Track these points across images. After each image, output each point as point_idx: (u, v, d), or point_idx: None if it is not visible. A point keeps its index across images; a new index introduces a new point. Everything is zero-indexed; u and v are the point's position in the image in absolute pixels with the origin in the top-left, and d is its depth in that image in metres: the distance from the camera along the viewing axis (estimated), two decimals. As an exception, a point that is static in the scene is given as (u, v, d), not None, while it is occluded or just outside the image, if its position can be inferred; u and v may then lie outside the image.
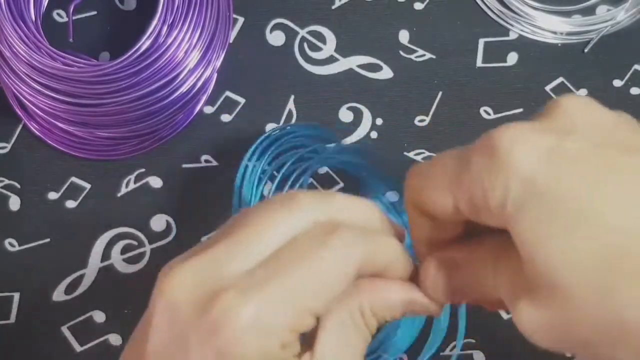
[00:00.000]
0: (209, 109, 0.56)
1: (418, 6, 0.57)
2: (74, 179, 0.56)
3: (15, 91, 0.55)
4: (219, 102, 0.56)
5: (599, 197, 0.27)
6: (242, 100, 0.56)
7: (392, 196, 0.55)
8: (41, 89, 0.53)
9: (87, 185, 0.56)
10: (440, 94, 0.56)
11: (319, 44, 0.57)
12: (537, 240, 0.28)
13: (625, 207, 0.27)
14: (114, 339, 0.54)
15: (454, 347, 0.54)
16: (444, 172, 0.32)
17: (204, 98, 0.56)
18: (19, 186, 0.56)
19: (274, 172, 0.50)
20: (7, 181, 0.56)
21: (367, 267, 0.32)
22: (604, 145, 0.28)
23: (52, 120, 0.55)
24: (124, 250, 0.55)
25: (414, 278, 0.34)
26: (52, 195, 0.56)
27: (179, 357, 0.30)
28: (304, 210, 0.32)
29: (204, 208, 0.55)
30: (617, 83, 0.56)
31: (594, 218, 0.27)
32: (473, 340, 0.54)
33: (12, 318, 0.55)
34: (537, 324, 0.30)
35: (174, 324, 0.30)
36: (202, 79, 0.55)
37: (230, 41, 0.57)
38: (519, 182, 0.28)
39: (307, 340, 0.33)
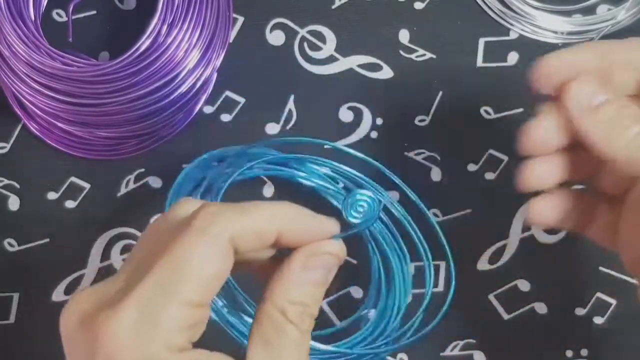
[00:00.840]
0: (209, 109, 0.56)
1: (418, 6, 0.57)
2: (73, 179, 0.56)
3: (15, 91, 0.54)
4: (219, 102, 0.56)
5: None
6: (242, 100, 0.56)
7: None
8: (41, 88, 0.53)
9: (87, 185, 0.56)
10: (440, 94, 0.56)
11: (319, 43, 0.57)
12: None
13: None
14: (114, 339, 0.54)
15: (455, 347, 0.54)
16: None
17: (204, 98, 0.56)
18: (18, 186, 0.56)
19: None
20: (6, 181, 0.56)
21: (251, 240, 0.31)
22: None
23: (52, 120, 0.55)
24: (124, 250, 0.55)
25: None
26: (52, 195, 0.56)
27: None
28: (177, 209, 0.32)
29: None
30: (618, 83, 0.56)
31: None
32: (473, 340, 0.54)
33: (12, 318, 0.55)
34: None
35: (72, 353, 0.30)
36: (202, 79, 0.55)
37: (230, 41, 0.57)
38: None
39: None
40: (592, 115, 0.36)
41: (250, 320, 0.38)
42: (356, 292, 0.54)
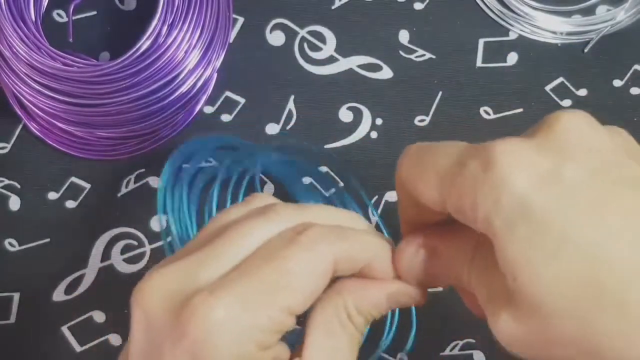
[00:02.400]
0: (209, 109, 0.56)
1: (418, 6, 0.57)
2: (74, 179, 0.56)
3: (15, 91, 0.55)
4: (219, 102, 0.56)
5: (590, 228, 0.27)
6: (242, 100, 0.56)
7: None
8: (41, 89, 0.53)
9: (87, 185, 0.56)
10: (440, 94, 0.56)
11: (319, 44, 0.57)
12: (523, 261, 0.28)
13: (613, 241, 0.27)
14: (114, 339, 0.54)
15: (454, 347, 0.54)
16: (438, 167, 0.31)
17: (204, 98, 0.56)
18: (19, 186, 0.56)
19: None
20: (7, 181, 0.56)
21: (345, 264, 0.32)
22: (601, 174, 0.28)
23: (52, 120, 0.55)
24: (124, 250, 0.55)
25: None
26: (52, 195, 0.56)
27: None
28: (281, 217, 0.32)
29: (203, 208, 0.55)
30: (617, 83, 0.56)
31: (582, 248, 0.27)
32: (473, 340, 0.54)
33: (12, 318, 0.55)
34: (516, 336, 0.30)
35: (149, 332, 0.30)
36: (202, 79, 0.55)
37: (230, 41, 0.57)
38: (513, 201, 0.28)
39: (297, 349, 0.33)
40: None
41: None
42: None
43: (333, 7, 0.57)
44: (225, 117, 0.56)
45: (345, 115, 0.56)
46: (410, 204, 0.33)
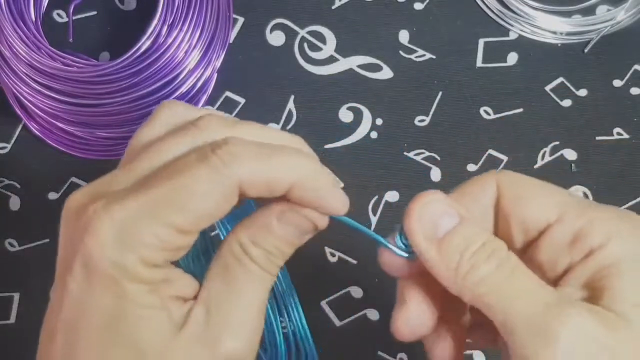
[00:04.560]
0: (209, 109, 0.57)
1: (418, 6, 0.57)
2: (74, 179, 0.56)
3: (15, 91, 0.55)
4: (219, 102, 0.56)
5: None
6: (242, 100, 0.56)
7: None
8: (41, 89, 0.53)
9: (87, 185, 0.56)
10: (440, 94, 0.56)
11: (319, 44, 0.57)
12: None
13: None
14: (114, 339, 0.54)
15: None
16: None
17: (204, 98, 0.56)
18: (19, 186, 0.56)
19: None
20: (7, 181, 0.56)
21: (260, 187, 0.30)
22: None
23: (52, 120, 0.55)
24: (124, 250, 0.55)
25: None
26: (52, 195, 0.56)
27: (68, 256, 0.31)
28: (202, 132, 0.31)
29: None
30: (617, 83, 0.56)
31: None
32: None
33: (12, 318, 0.55)
34: None
35: (65, 229, 0.31)
36: (202, 79, 0.55)
37: (230, 41, 0.57)
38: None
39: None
40: (437, 247, 0.32)
41: None
42: (356, 292, 0.54)
43: (333, 7, 0.57)
44: (225, 117, 0.56)
45: (345, 115, 0.56)
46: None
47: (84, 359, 0.30)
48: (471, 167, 0.55)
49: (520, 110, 0.56)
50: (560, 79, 0.56)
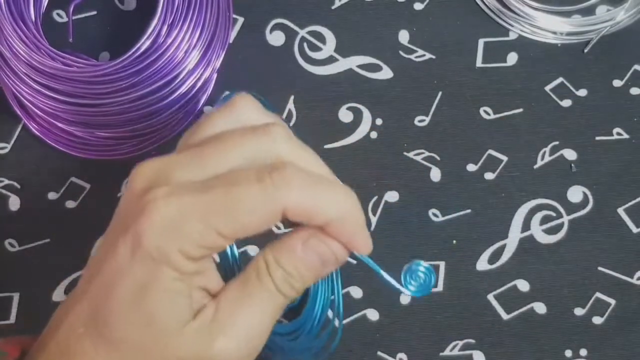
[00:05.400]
0: (209, 109, 0.56)
1: (418, 6, 0.57)
2: (74, 179, 0.56)
3: (15, 91, 0.55)
4: (219, 102, 0.56)
5: None
6: (242, 100, 0.56)
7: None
8: (41, 89, 0.53)
9: (87, 185, 0.56)
10: (440, 94, 0.56)
11: (319, 44, 0.57)
12: None
13: None
14: (114, 339, 0.54)
15: (454, 347, 0.54)
16: None
17: (204, 98, 0.56)
18: (19, 186, 0.56)
19: None
20: (7, 181, 0.56)
21: (301, 214, 0.33)
22: None
23: (52, 120, 0.55)
24: (124, 250, 0.55)
25: None
26: (52, 195, 0.56)
27: (122, 226, 0.34)
28: (272, 141, 0.34)
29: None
30: (617, 83, 0.56)
31: None
32: (473, 341, 0.54)
33: (12, 318, 0.55)
34: None
35: (127, 201, 0.35)
36: (202, 79, 0.55)
37: (230, 41, 0.57)
38: None
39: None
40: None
41: None
42: (356, 292, 0.54)
43: (333, 7, 0.57)
44: (225, 117, 0.56)
45: (345, 115, 0.56)
46: None
47: (106, 312, 0.34)
48: (471, 167, 0.55)
49: (520, 110, 0.56)
50: (560, 79, 0.56)
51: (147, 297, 0.33)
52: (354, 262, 0.54)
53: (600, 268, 0.54)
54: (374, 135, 0.56)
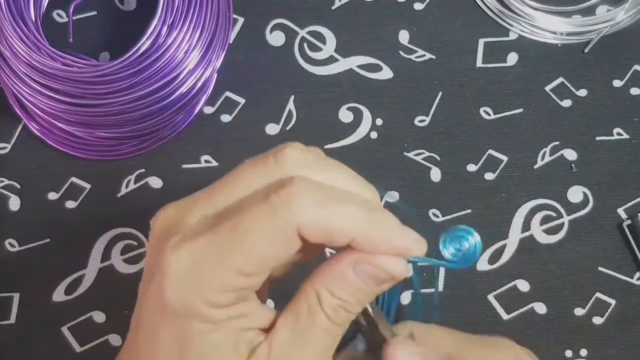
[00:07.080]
0: (209, 109, 0.56)
1: (418, 6, 0.57)
2: (74, 179, 0.56)
3: (15, 91, 0.55)
4: (219, 102, 0.56)
5: None
6: (242, 100, 0.56)
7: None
8: (41, 89, 0.53)
9: (87, 186, 0.56)
10: (440, 94, 0.56)
11: (319, 44, 0.57)
12: None
13: None
14: (114, 339, 0.54)
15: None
16: None
17: (204, 98, 0.56)
18: (19, 186, 0.56)
19: None
20: (7, 181, 0.56)
21: (318, 233, 0.30)
22: None
23: (52, 121, 0.55)
24: (124, 251, 0.55)
25: None
26: (52, 196, 0.56)
27: (146, 284, 0.31)
28: (281, 166, 0.31)
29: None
30: (617, 83, 0.56)
31: None
32: (473, 341, 0.54)
33: (12, 318, 0.55)
34: None
35: (148, 255, 0.32)
36: (202, 79, 0.55)
37: (230, 41, 0.57)
38: None
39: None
40: None
41: None
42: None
43: (333, 7, 0.57)
44: (225, 118, 0.56)
45: (345, 115, 0.56)
46: None
47: None
48: (471, 167, 0.55)
49: (520, 110, 0.56)
50: (560, 79, 0.56)
51: (187, 357, 0.30)
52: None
53: (600, 268, 0.54)
54: (374, 135, 0.56)
